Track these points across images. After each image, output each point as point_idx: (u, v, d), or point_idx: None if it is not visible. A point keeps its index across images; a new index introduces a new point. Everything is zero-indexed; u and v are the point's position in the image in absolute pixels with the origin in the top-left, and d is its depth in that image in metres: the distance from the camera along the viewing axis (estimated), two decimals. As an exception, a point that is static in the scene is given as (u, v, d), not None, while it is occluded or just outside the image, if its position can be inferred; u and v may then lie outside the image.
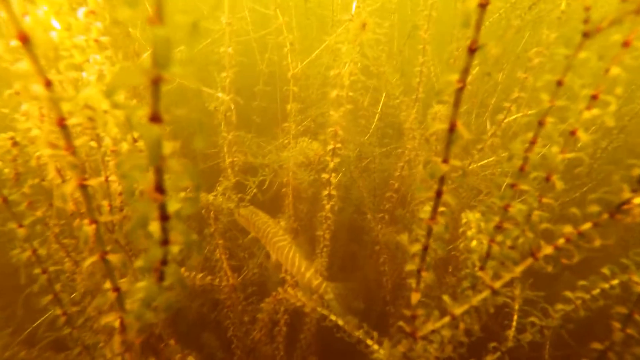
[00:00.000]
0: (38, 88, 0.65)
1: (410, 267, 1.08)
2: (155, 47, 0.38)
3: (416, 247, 1.03)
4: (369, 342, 1.42)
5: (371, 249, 2.66)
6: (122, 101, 0.40)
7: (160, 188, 0.48)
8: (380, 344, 1.46)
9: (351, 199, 2.62)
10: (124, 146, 1.02)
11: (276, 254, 1.81)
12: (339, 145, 1.59)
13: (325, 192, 1.73)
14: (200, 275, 1.78)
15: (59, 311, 1.18)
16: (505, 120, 2.11)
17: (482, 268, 1.26)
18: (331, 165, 1.63)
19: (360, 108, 2.54)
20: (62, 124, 0.72)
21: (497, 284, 1.16)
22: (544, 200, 1.15)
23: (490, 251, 1.22)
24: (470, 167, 2.33)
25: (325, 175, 1.67)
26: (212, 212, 1.84)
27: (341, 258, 2.77)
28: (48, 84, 0.67)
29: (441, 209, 0.97)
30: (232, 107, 1.90)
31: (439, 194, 0.92)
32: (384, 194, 2.62)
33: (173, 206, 0.51)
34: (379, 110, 2.53)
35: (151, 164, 0.42)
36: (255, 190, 2.02)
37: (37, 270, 1.07)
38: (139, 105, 0.42)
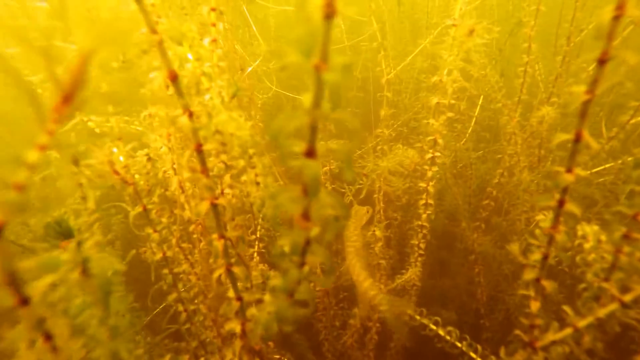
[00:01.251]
0: (183, 119, 0.73)
1: (529, 275, 1.08)
2: (319, 89, 0.40)
3: (536, 256, 1.02)
4: (473, 355, 1.36)
5: (464, 257, 2.54)
6: (282, 141, 0.42)
7: (307, 216, 0.50)
8: (484, 358, 1.39)
9: (444, 205, 2.53)
10: (241, 163, 1.09)
11: (347, 259, 1.82)
12: (438, 153, 1.54)
13: (422, 201, 1.69)
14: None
15: (180, 308, 1.31)
16: (632, 122, 1.87)
17: (606, 279, 1.16)
18: (429, 174, 1.59)
19: (457, 112, 2.44)
20: (199, 149, 0.79)
21: (627, 297, 1.08)
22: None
23: (616, 262, 1.13)
24: (582, 175, 2.11)
25: (422, 184, 1.64)
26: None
27: (430, 265, 2.69)
28: (190, 114, 0.74)
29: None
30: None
31: (561, 203, 0.93)
32: (480, 201, 2.48)
33: (314, 231, 0.53)
34: (475, 113, 2.40)
35: (309, 196, 0.44)
36: (351, 198, 2.05)
37: (165, 271, 1.20)
38: (296, 142, 0.45)
